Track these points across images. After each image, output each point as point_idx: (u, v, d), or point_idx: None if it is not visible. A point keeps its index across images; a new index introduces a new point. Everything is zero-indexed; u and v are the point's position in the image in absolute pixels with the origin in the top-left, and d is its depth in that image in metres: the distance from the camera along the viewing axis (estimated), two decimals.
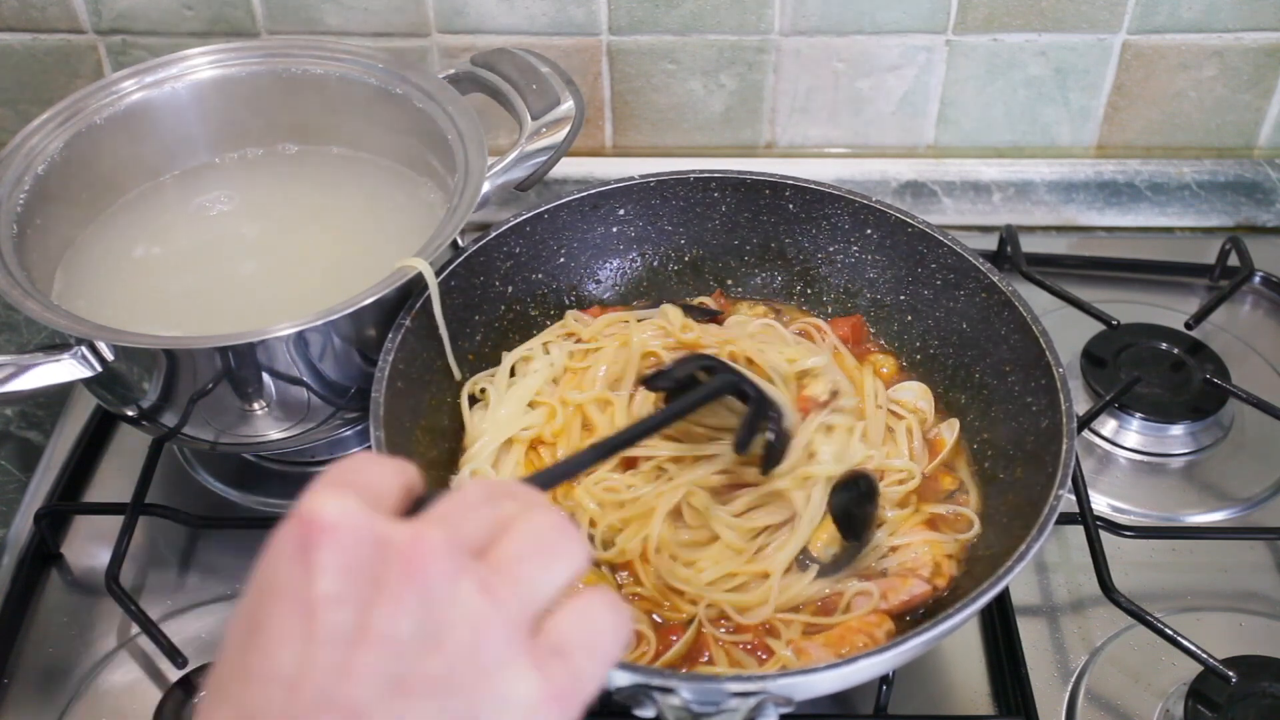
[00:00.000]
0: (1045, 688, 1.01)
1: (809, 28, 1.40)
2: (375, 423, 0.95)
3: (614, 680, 0.82)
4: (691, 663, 0.93)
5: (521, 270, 1.15)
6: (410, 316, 1.02)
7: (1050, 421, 0.98)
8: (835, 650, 0.91)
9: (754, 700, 0.80)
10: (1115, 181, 1.50)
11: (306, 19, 1.40)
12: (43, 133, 1.12)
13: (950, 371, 1.12)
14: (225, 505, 1.18)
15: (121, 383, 1.00)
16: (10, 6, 1.38)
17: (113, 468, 1.21)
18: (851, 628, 0.93)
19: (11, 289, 0.99)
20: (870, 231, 1.16)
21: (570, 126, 1.14)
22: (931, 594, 0.95)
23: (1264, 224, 1.49)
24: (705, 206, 1.19)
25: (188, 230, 1.17)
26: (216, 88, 1.20)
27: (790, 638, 0.93)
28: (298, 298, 1.07)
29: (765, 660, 0.92)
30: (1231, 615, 1.07)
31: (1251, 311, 1.37)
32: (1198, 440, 1.21)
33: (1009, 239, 1.36)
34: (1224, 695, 0.96)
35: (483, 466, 1.02)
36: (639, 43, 1.41)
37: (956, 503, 1.03)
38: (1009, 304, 1.05)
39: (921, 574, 0.96)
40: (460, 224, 1.04)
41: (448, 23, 1.40)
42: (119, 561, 1.06)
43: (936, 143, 1.51)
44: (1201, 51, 1.42)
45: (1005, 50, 1.42)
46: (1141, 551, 1.11)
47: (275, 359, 0.98)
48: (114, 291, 1.10)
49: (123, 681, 1.03)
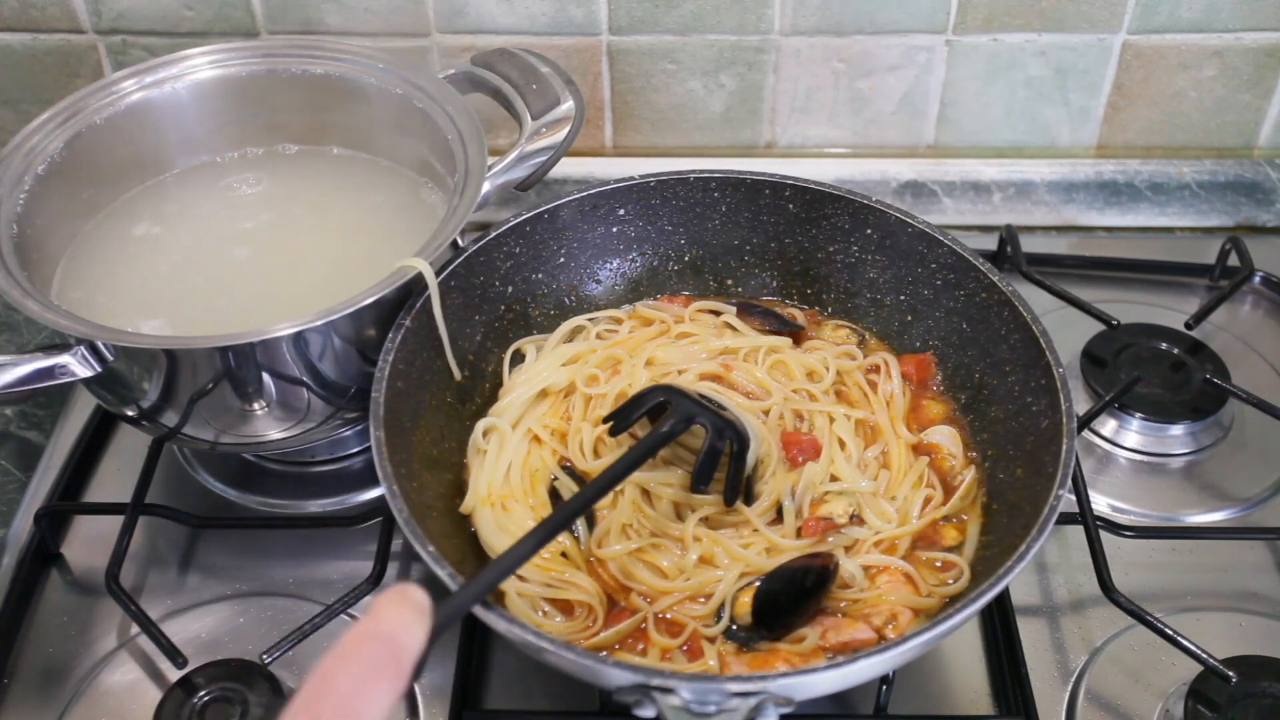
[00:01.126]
0: (1045, 688, 1.01)
1: (809, 28, 1.40)
2: (375, 423, 0.95)
3: (615, 680, 0.82)
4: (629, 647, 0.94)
5: (521, 270, 1.15)
6: (410, 316, 1.02)
7: (1050, 421, 0.98)
8: (758, 670, 0.91)
9: (754, 700, 0.80)
10: (1115, 181, 1.50)
11: (306, 19, 1.40)
12: (43, 133, 1.12)
13: (950, 371, 1.12)
14: (225, 505, 1.18)
15: (121, 383, 1.00)
16: (10, 6, 1.38)
17: (113, 468, 1.21)
18: (778, 653, 0.93)
19: (11, 289, 0.99)
20: (870, 231, 1.16)
21: (570, 126, 1.14)
22: (875, 642, 0.93)
23: (1264, 224, 1.49)
24: (705, 206, 1.19)
25: (187, 230, 1.17)
26: (216, 88, 1.20)
27: (721, 649, 0.93)
28: (298, 298, 1.07)
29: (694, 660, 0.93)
30: (1231, 615, 1.07)
31: (1251, 311, 1.37)
32: (1198, 440, 1.21)
33: (1009, 239, 1.36)
34: (1224, 695, 0.96)
35: (500, 424, 1.06)
36: (639, 43, 1.41)
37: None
38: (1009, 304, 1.05)
39: (872, 621, 0.94)
40: (460, 224, 1.04)
41: (448, 23, 1.40)
42: (119, 561, 1.06)
43: (937, 143, 1.51)
44: (1201, 51, 1.42)
45: (1005, 50, 1.42)
46: (1141, 551, 1.11)
47: (275, 359, 0.98)
48: (114, 291, 1.10)
49: (123, 681, 1.03)
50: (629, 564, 0.97)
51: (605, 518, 0.99)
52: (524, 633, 0.83)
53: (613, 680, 0.83)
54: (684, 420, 0.95)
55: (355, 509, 1.16)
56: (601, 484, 0.90)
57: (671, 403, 0.97)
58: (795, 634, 0.93)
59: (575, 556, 0.98)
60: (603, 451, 1.04)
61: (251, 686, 0.97)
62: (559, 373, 1.10)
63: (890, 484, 1.03)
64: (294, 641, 0.99)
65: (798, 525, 0.99)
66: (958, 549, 1.00)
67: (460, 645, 1.01)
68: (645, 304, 1.20)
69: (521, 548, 0.83)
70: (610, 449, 1.04)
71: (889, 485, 1.03)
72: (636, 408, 0.99)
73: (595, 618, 0.95)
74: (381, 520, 1.08)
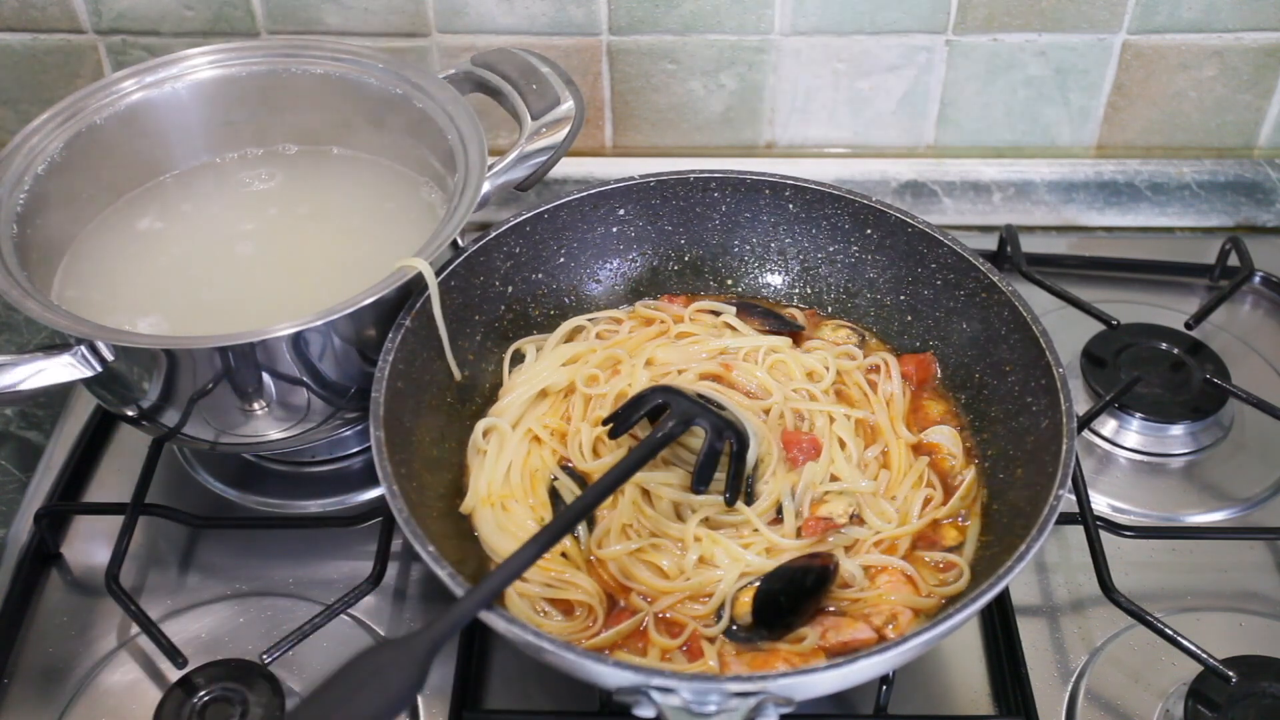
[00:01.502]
0: (1045, 688, 1.01)
1: (809, 28, 1.40)
2: (375, 423, 0.95)
3: (615, 680, 0.82)
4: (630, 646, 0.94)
5: (521, 270, 1.15)
6: (410, 316, 1.02)
7: (1050, 421, 0.98)
8: (758, 671, 0.91)
9: (754, 700, 0.80)
10: (1115, 181, 1.50)
11: (306, 19, 1.40)
12: (43, 133, 1.12)
13: (950, 371, 1.12)
14: (225, 505, 1.18)
15: (121, 382, 1.00)
16: (10, 6, 1.38)
17: (113, 468, 1.21)
18: (778, 653, 0.93)
19: (11, 289, 0.99)
20: (870, 231, 1.16)
21: (570, 126, 1.14)
22: (875, 642, 0.93)
23: (1264, 224, 1.49)
24: (705, 206, 1.19)
25: (187, 230, 1.17)
26: (216, 88, 1.20)
27: (721, 649, 0.93)
28: (298, 298, 1.07)
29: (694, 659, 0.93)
30: (1231, 615, 1.07)
31: (1252, 311, 1.37)
32: (1198, 440, 1.21)
33: (1009, 239, 1.36)
34: (1224, 695, 0.96)
35: (500, 424, 1.07)
36: (639, 43, 1.41)
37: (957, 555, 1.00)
38: (1009, 304, 1.05)
39: (872, 621, 0.94)
40: (460, 224, 1.04)
41: (448, 23, 1.40)
42: (119, 561, 1.06)
43: (937, 143, 1.51)
44: (1201, 51, 1.42)
45: (1005, 50, 1.42)
46: (1141, 551, 1.11)
47: (275, 359, 0.98)
48: (115, 291, 1.10)
49: (123, 681, 1.03)
50: (629, 564, 0.97)
51: (605, 518, 0.99)
52: (524, 633, 0.83)
53: (613, 680, 0.83)
54: (683, 421, 0.95)
55: (355, 509, 1.16)
56: (601, 489, 0.91)
57: (671, 404, 0.97)
58: (795, 634, 0.93)
59: (575, 556, 0.98)
60: (602, 452, 1.04)
61: (251, 686, 0.97)
62: (559, 373, 1.10)
63: (890, 484, 1.03)
64: (294, 641, 0.99)
65: (798, 525, 0.99)
66: (958, 549, 1.00)
67: (460, 645, 1.01)
68: (645, 304, 1.20)
69: (525, 553, 0.84)
70: (610, 449, 1.04)
71: (889, 485, 1.03)
72: (636, 409, 0.99)
73: (595, 618, 0.95)
74: (381, 520, 1.08)
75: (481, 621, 0.85)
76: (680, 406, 0.96)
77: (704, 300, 1.19)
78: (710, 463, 0.96)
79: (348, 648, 1.04)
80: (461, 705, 0.99)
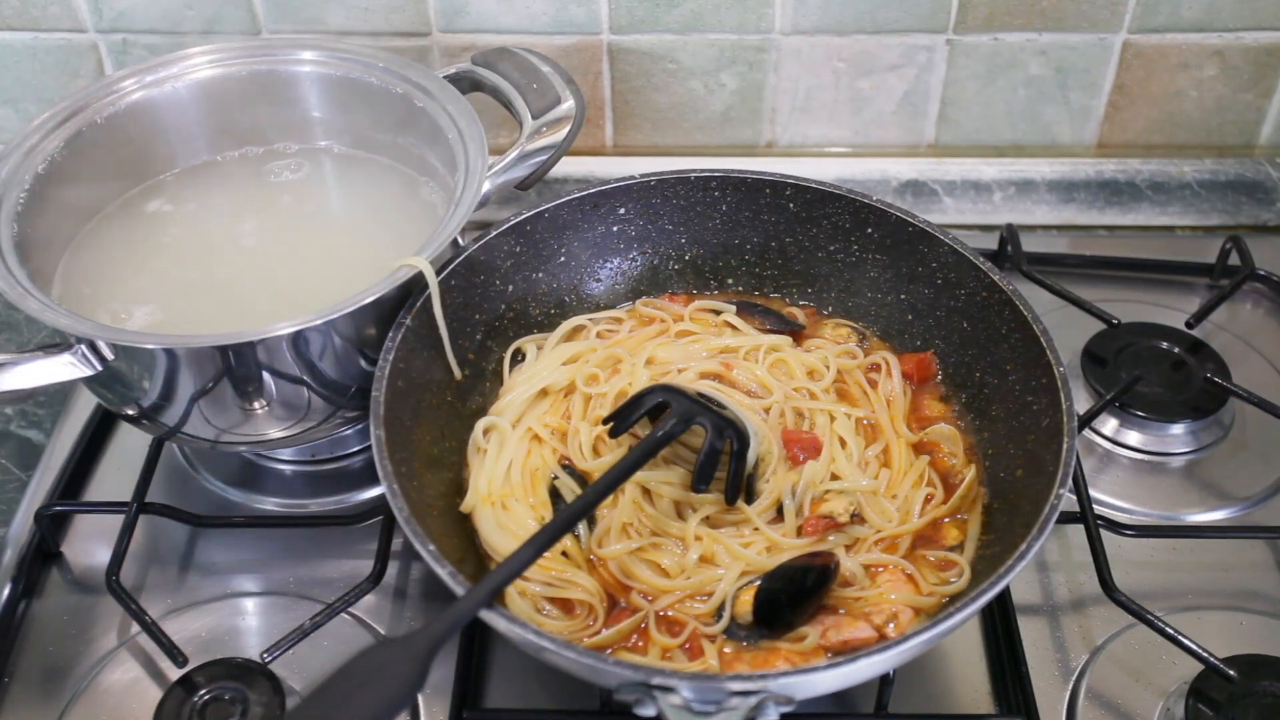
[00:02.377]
0: (1046, 687, 1.01)
1: (809, 27, 1.40)
2: (375, 422, 0.95)
3: (615, 679, 0.82)
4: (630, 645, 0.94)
5: (522, 269, 1.15)
6: (410, 315, 1.02)
7: (1051, 420, 0.97)
8: (759, 669, 0.91)
9: (755, 699, 0.80)
10: (1116, 180, 1.50)
11: (307, 18, 1.40)
12: (43, 132, 1.12)
13: (951, 370, 1.12)
14: (225, 504, 1.18)
15: (122, 381, 1.00)
16: (11, 6, 1.38)
17: (113, 467, 1.21)
18: (779, 652, 0.93)
19: (11, 288, 0.99)
20: (871, 230, 1.16)
21: (570, 126, 1.14)
22: (875, 641, 0.93)
23: (1265, 223, 1.48)
24: (706, 206, 1.19)
25: (188, 230, 1.17)
26: (217, 87, 1.20)
27: (722, 648, 0.93)
28: (298, 296, 1.07)
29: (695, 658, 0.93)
30: (1232, 614, 1.06)
31: (1252, 311, 1.37)
32: (1198, 439, 1.21)
33: (1010, 238, 1.36)
34: (1225, 694, 0.96)
35: (500, 422, 1.07)
36: (639, 42, 1.41)
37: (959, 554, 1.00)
38: (1009, 303, 1.05)
39: (873, 620, 0.94)
40: (461, 223, 1.04)
41: (448, 22, 1.40)
42: (119, 560, 1.06)
43: (937, 142, 1.51)
44: (1202, 51, 1.42)
45: (1006, 49, 1.42)
46: (1142, 550, 1.11)
47: (275, 358, 0.98)
48: (115, 291, 1.10)
49: (123, 680, 1.03)
50: (630, 563, 0.97)
51: (606, 517, 0.99)
52: (525, 632, 0.83)
53: (613, 679, 0.83)
54: (683, 421, 0.95)
55: (355, 508, 1.16)
56: (601, 487, 0.91)
57: (671, 403, 0.97)
58: (796, 633, 0.93)
59: (576, 555, 0.98)
60: (603, 451, 1.04)
61: (251, 686, 0.97)
62: (559, 372, 1.10)
63: (891, 482, 1.03)
64: (294, 640, 0.99)
65: (798, 524, 0.99)
66: (958, 548, 1.00)
67: (461, 644, 1.01)
68: (645, 303, 1.20)
69: (525, 552, 0.84)
70: (610, 448, 1.04)
71: (890, 484, 1.03)
72: (636, 409, 0.99)
73: (596, 617, 0.95)
74: (382, 519, 1.08)
75: (482, 620, 0.85)
76: (681, 405, 0.96)
77: (704, 299, 1.19)
78: (711, 461, 0.96)
79: (348, 647, 1.04)
80: (462, 704, 0.99)
